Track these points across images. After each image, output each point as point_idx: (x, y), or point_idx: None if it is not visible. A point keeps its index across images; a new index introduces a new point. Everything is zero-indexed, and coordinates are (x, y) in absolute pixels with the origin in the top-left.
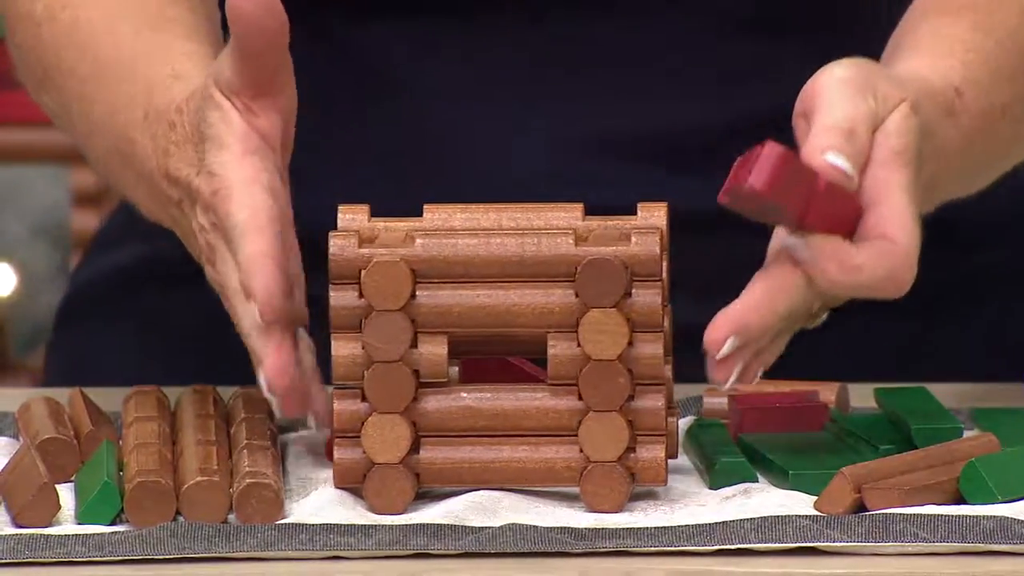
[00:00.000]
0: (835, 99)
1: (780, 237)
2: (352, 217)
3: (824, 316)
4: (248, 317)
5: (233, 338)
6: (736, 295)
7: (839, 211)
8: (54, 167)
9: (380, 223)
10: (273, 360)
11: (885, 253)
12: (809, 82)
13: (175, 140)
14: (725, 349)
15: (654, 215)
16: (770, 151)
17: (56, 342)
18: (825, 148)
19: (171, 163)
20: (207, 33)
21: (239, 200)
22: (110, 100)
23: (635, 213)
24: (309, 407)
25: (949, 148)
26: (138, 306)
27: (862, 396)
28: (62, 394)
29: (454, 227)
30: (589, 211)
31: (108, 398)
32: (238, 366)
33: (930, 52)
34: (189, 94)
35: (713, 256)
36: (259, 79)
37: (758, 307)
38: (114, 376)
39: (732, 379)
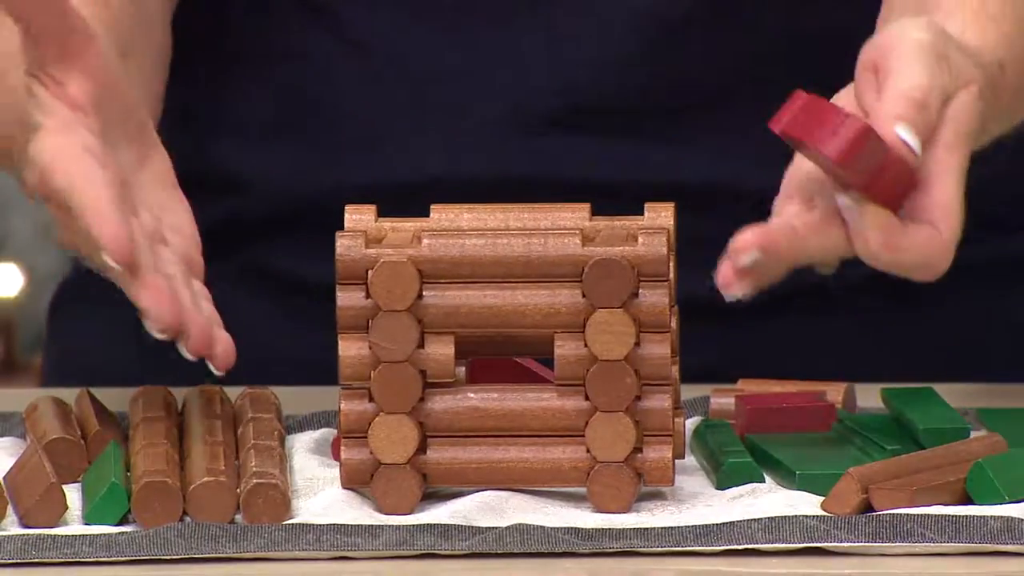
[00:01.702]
0: (912, 63)
1: (804, 170)
2: (359, 217)
3: (837, 264)
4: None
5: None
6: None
7: (897, 182)
8: None
9: (387, 223)
10: (149, 300)
11: (930, 241)
12: (881, 35)
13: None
14: (746, 259)
15: (661, 215)
16: (853, 124)
17: (52, 333)
18: (897, 118)
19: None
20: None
21: (61, 172)
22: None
23: (635, 191)
24: (212, 349)
25: (988, 121)
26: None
27: (869, 396)
28: (68, 394)
29: (461, 227)
30: (576, 184)
31: (115, 398)
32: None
33: (975, 17)
34: None
35: (711, 228)
36: (50, 46)
37: (792, 239)
38: (109, 368)
39: (736, 295)
